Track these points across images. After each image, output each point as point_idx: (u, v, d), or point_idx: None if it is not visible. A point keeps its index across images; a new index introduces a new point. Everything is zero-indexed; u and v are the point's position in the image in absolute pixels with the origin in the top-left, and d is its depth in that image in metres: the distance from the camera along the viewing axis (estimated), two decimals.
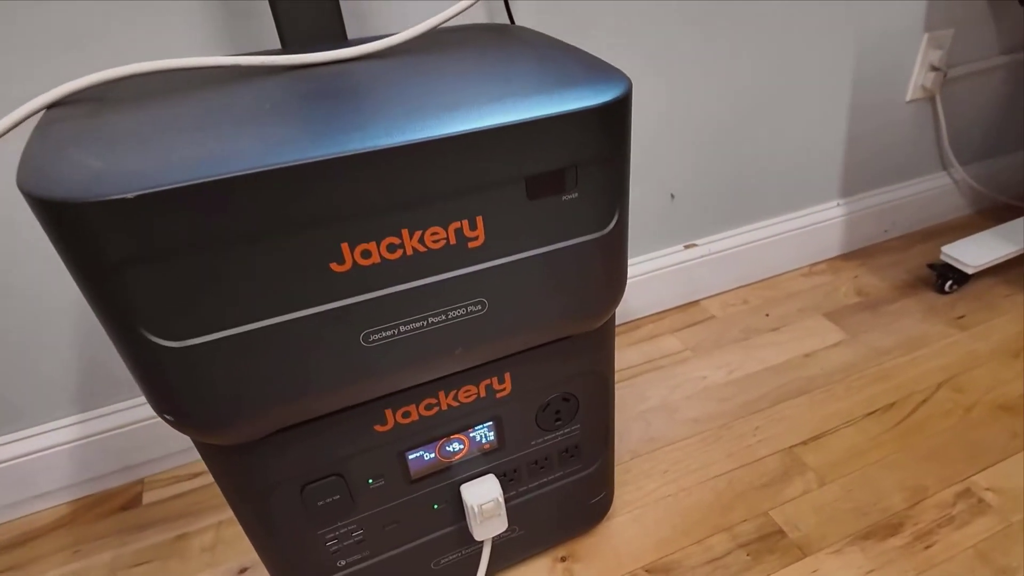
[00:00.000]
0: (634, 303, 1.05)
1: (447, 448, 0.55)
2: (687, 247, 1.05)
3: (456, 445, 0.56)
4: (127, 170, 0.34)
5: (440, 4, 0.71)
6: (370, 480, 0.53)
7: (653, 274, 1.03)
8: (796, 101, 0.99)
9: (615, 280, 0.51)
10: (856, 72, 1.01)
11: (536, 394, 0.57)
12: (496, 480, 0.58)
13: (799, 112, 1.01)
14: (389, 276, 0.41)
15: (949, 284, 1.05)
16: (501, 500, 0.58)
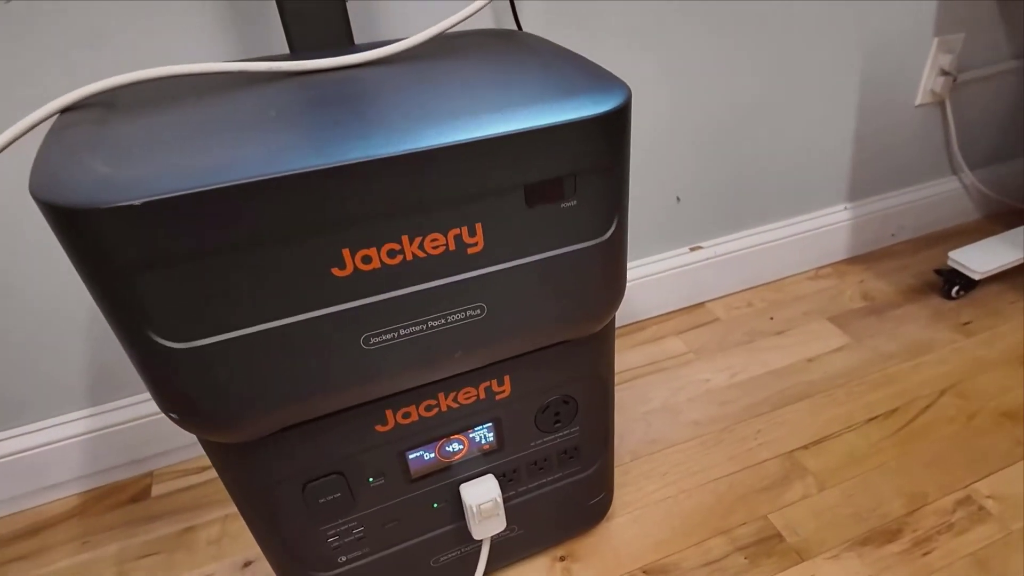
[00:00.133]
0: (639, 304, 1.06)
1: (447, 448, 0.56)
2: (692, 249, 1.05)
3: (456, 445, 0.57)
4: (134, 177, 0.35)
5: (447, 6, 0.72)
6: (371, 479, 0.54)
7: (658, 276, 1.04)
8: (803, 104, 0.99)
9: (614, 285, 0.52)
10: (864, 76, 1.01)
11: (535, 396, 0.57)
12: (495, 480, 0.59)
13: (806, 116, 1.00)
14: (389, 281, 0.42)
15: (956, 290, 1.05)
16: (500, 500, 0.59)
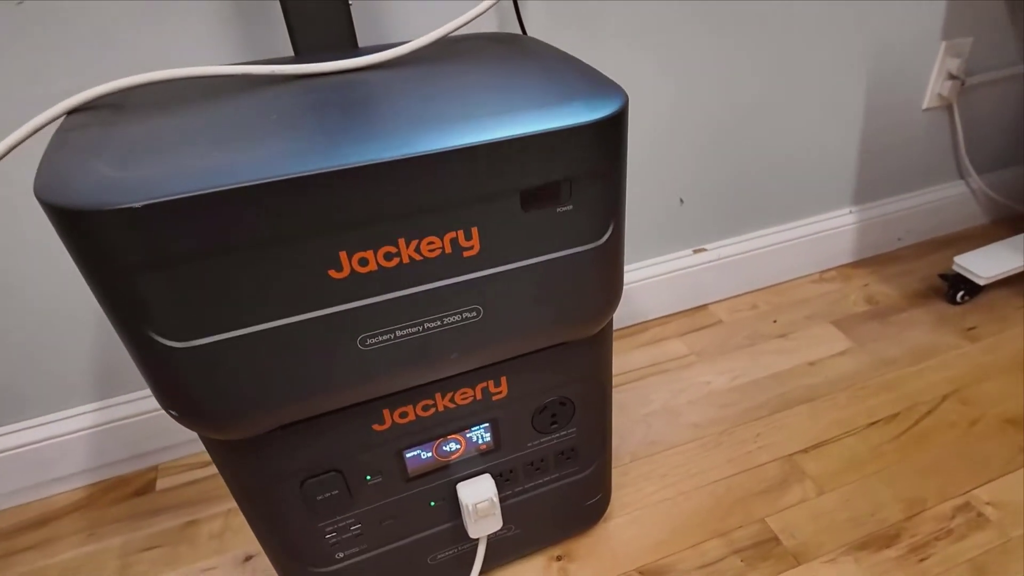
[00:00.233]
0: (641, 306, 1.06)
1: (444, 448, 0.57)
2: (696, 251, 1.05)
3: (453, 445, 0.57)
4: (136, 179, 0.35)
5: (451, 9, 0.72)
6: (368, 477, 0.55)
7: (661, 278, 1.04)
8: (809, 107, 0.99)
9: (610, 289, 0.52)
10: (871, 80, 1.00)
11: (532, 398, 0.58)
12: (491, 480, 0.60)
13: (811, 118, 1.00)
14: (386, 283, 0.42)
15: (961, 295, 1.04)
16: (496, 500, 0.59)
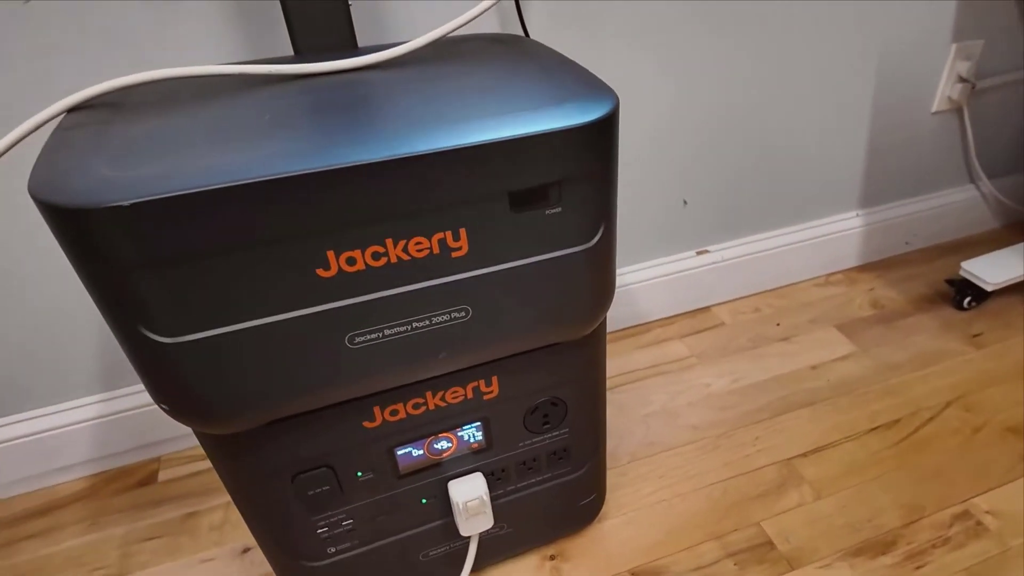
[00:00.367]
0: (643, 307, 1.06)
1: (435, 446, 0.57)
2: (699, 253, 1.05)
3: (444, 443, 0.58)
4: (127, 178, 0.36)
5: (453, 7, 0.72)
6: (359, 473, 0.55)
7: (663, 279, 1.04)
8: (815, 109, 0.98)
9: (602, 291, 0.52)
10: (879, 82, 0.99)
11: (524, 398, 0.58)
12: (483, 478, 0.60)
13: (818, 120, 0.99)
14: (374, 282, 0.43)
15: (968, 300, 1.03)
16: (486, 498, 0.59)
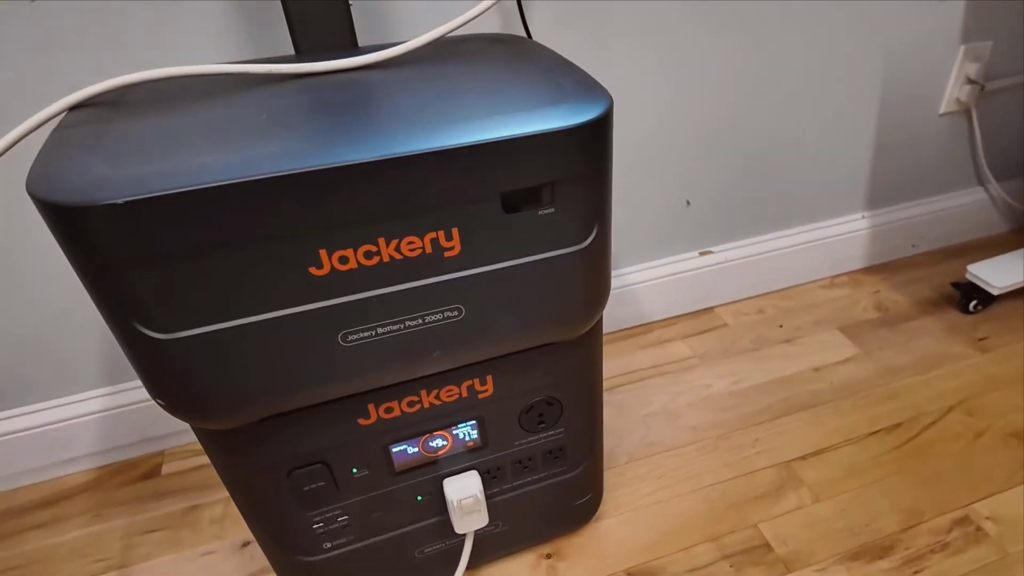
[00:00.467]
0: (645, 307, 1.06)
1: (430, 444, 0.58)
2: (702, 254, 1.05)
3: (439, 441, 0.58)
4: (122, 177, 0.37)
5: (455, 7, 0.73)
6: (354, 469, 0.56)
7: (666, 279, 1.03)
8: (821, 110, 0.97)
9: (596, 291, 0.52)
10: (886, 82, 0.98)
11: (519, 397, 0.58)
12: (478, 476, 0.60)
13: (823, 122, 0.99)
14: (366, 281, 0.43)
15: (974, 304, 1.02)
16: (481, 496, 0.60)
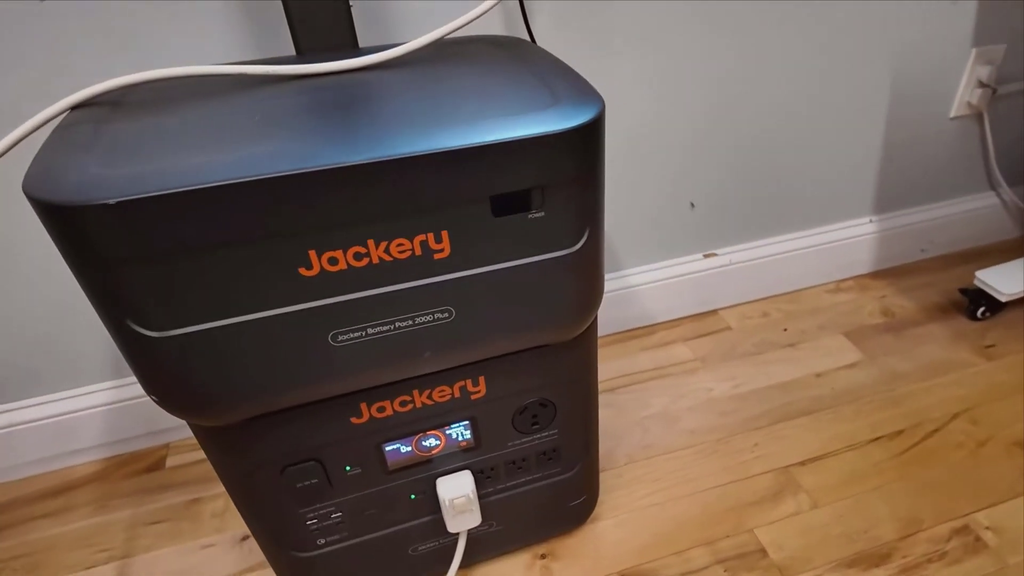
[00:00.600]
0: (648, 308, 1.05)
1: (423, 443, 0.58)
2: (706, 256, 1.04)
3: (432, 441, 0.58)
4: (116, 177, 0.37)
5: (457, 8, 0.73)
6: (348, 467, 0.57)
7: (669, 281, 1.03)
8: (828, 112, 0.97)
9: (588, 294, 0.52)
10: (896, 85, 0.97)
11: (512, 398, 0.59)
12: (471, 476, 0.61)
13: (831, 124, 0.98)
14: (356, 282, 0.43)
15: (981, 311, 1.01)
16: (473, 496, 0.60)
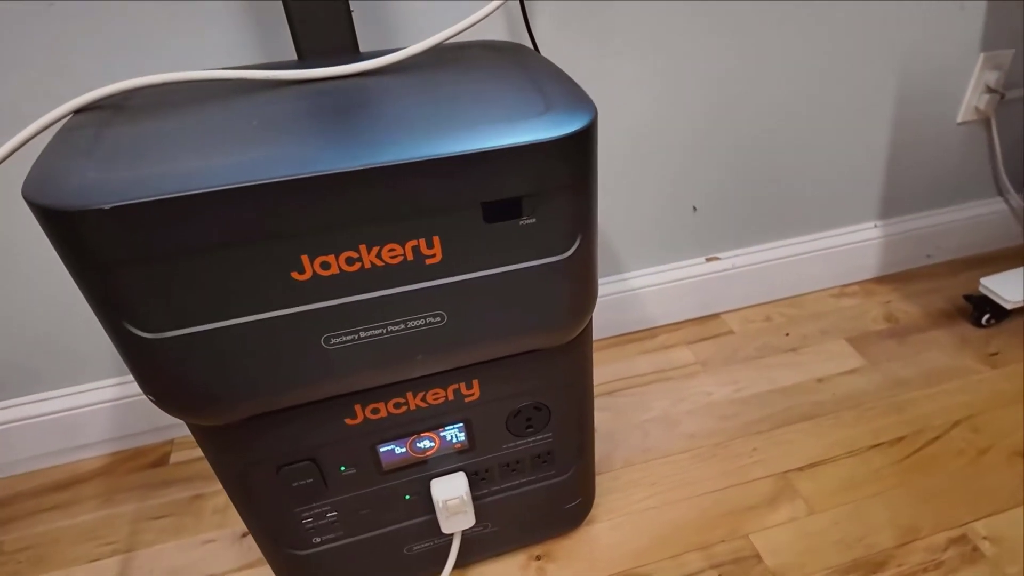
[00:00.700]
0: (650, 311, 1.05)
1: (418, 444, 0.59)
2: (709, 260, 1.04)
3: (427, 442, 0.59)
4: (112, 182, 0.38)
5: (458, 11, 0.73)
6: (342, 468, 0.57)
7: (671, 284, 1.03)
8: (832, 116, 0.96)
9: (581, 300, 0.53)
10: (902, 89, 0.97)
11: (506, 401, 0.59)
12: (464, 478, 0.61)
13: (835, 127, 0.97)
14: (348, 286, 0.44)
15: (986, 318, 1.00)
16: (467, 498, 0.61)
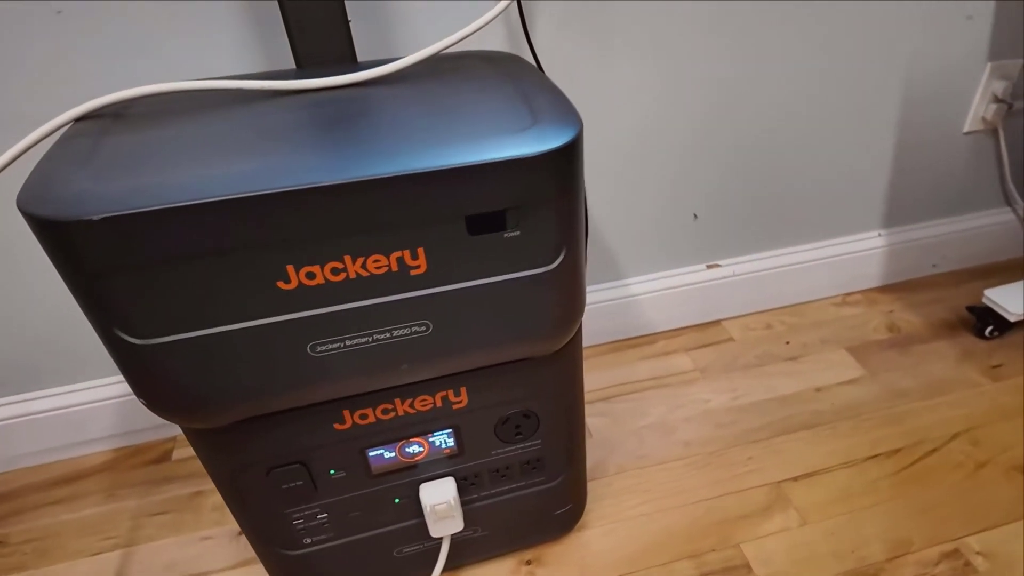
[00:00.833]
0: (651, 318, 1.06)
1: (407, 449, 0.60)
2: (709, 267, 1.04)
3: (416, 447, 0.60)
4: (102, 192, 0.39)
5: (459, 16, 0.74)
6: (332, 471, 0.58)
7: (671, 291, 1.03)
8: (838, 123, 0.96)
9: (567, 310, 0.53)
10: (907, 98, 0.96)
11: (494, 409, 0.60)
12: (453, 483, 0.62)
13: (839, 135, 0.97)
14: (333, 296, 0.45)
15: (990, 330, 0.99)
16: (455, 503, 0.61)
